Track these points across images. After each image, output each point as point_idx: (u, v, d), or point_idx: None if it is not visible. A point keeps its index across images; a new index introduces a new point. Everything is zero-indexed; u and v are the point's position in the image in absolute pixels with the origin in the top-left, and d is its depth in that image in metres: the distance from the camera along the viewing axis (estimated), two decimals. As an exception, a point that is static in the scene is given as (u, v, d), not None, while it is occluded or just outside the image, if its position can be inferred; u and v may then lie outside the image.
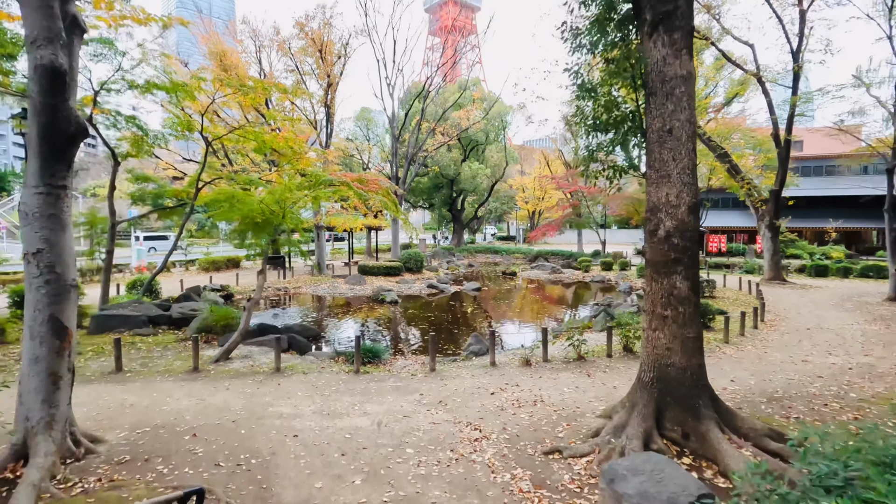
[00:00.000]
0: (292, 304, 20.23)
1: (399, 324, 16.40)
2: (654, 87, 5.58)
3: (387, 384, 8.49)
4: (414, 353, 12.52)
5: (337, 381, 8.67)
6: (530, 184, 54.38)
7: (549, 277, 29.29)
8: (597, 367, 9.44)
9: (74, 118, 5.24)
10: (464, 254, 43.54)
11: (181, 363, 9.84)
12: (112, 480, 4.97)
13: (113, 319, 12.68)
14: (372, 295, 21.63)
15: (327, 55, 24.44)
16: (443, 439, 6.10)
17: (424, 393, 7.97)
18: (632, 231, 57.94)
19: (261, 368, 9.50)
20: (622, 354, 10.29)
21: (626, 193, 42.35)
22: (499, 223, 79.76)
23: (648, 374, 5.71)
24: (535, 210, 55.78)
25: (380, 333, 14.90)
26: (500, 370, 9.35)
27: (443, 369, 9.55)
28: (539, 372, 9.15)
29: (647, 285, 5.84)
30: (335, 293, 22.64)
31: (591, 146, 6.80)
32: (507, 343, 13.67)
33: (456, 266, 35.46)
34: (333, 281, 25.02)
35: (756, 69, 22.19)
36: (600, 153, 6.79)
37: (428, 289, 23.64)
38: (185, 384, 8.45)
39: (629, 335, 10.39)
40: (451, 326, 15.65)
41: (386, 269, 27.32)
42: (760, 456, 4.99)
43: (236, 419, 6.77)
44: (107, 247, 14.19)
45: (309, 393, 7.96)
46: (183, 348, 11.41)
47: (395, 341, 14.00)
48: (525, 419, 6.76)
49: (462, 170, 41.93)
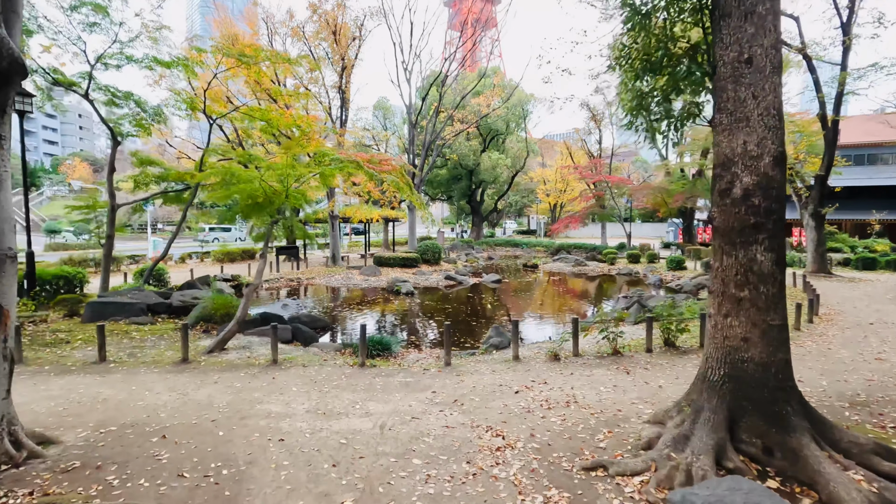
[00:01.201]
0: (304, 295, 19.37)
1: (414, 316, 15.37)
2: (729, 7, 4.36)
3: (395, 380, 7.44)
4: (428, 346, 11.46)
5: (339, 375, 7.65)
6: (552, 175, 52.80)
7: (573, 270, 27.95)
8: (635, 362, 8.23)
9: (7, 50, 4.27)
10: (483, 247, 42.36)
11: (172, 353, 8.96)
12: (46, 494, 4.02)
13: (109, 307, 11.92)
14: (387, 286, 20.67)
15: (341, 38, 23.44)
16: (457, 447, 5.02)
17: (437, 390, 6.90)
18: (657, 224, 55.92)
19: (257, 360, 8.54)
20: (663, 349, 9.05)
21: (653, 184, 40.55)
22: (519, 217, 78.21)
23: (717, 372, 4.52)
24: (557, 203, 54.16)
25: (392, 325, 13.88)
26: (524, 365, 8.21)
27: (459, 364, 8.46)
28: (569, 368, 7.99)
29: (716, 260, 4.64)
30: (349, 284, 21.75)
31: (640, 92, 5.58)
32: (530, 337, 12.50)
33: (475, 258, 34.30)
34: (348, 272, 24.14)
35: (801, 44, 20.44)
36: (651, 101, 5.58)
37: (445, 280, 22.58)
38: (170, 376, 7.54)
39: (671, 328, 9.15)
40: (470, 319, 14.55)
41: (402, 260, 26.32)
42: (875, 481, 3.78)
43: (217, 418, 5.80)
44: (107, 231, 13.44)
45: (305, 388, 6.95)
46: (178, 338, 10.56)
47: (409, 334, 12.96)
48: (557, 424, 5.63)
49: (481, 160, 40.65)
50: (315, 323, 12.98)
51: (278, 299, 18.12)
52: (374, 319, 14.65)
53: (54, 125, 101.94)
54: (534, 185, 56.77)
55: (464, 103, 32.90)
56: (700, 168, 36.06)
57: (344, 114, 26.29)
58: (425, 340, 12.11)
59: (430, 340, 12.08)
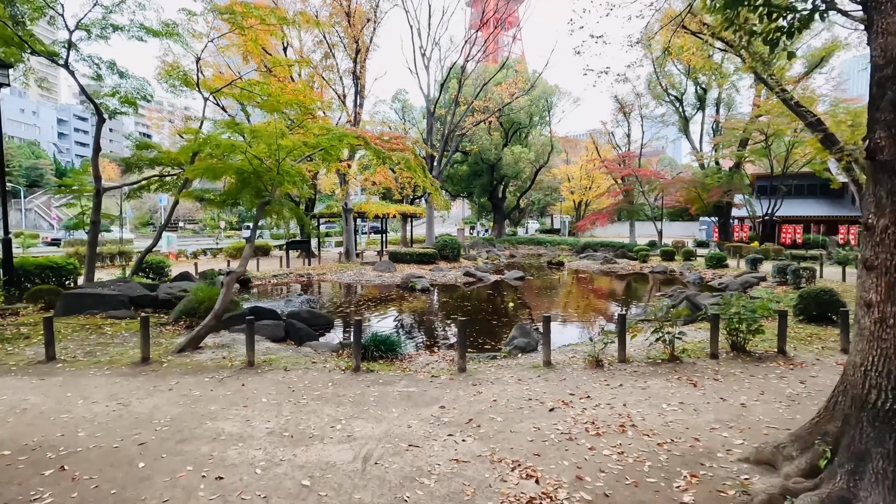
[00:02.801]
0: (312, 291, 17.99)
1: (428, 314, 13.80)
2: None
3: (394, 389, 5.86)
4: (442, 348, 9.88)
5: (325, 382, 6.11)
6: (576, 172, 50.68)
7: (601, 268, 26.02)
8: (700, 372, 6.48)
9: None
10: (505, 245, 40.60)
11: (137, 352, 7.56)
12: None
13: (86, 299, 10.66)
14: (401, 283, 19.16)
15: (355, 19, 22.07)
16: (470, 498, 3.42)
17: (447, 405, 5.30)
18: (687, 223, 53.13)
19: (233, 362, 7.07)
20: (731, 355, 7.28)
21: (687, 177, 38.20)
22: (541, 217, 75.95)
23: (889, 394, 2.81)
24: (582, 200, 52.00)
25: (403, 324, 12.34)
26: (558, 373, 6.55)
27: (476, 370, 6.84)
28: (617, 377, 6.30)
29: (879, 215, 2.94)
30: (362, 280, 20.32)
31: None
32: (560, 339, 10.81)
33: (496, 256, 32.59)
34: (361, 268, 22.73)
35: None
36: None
37: (464, 277, 20.96)
38: (120, 381, 6.12)
39: (740, 328, 7.37)
40: (490, 318, 12.91)
41: (419, 256, 24.81)
42: None
43: (148, 441, 4.31)
44: (91, 217, 12.25)
45: (278, 399, 5.43)
46: (156, 333, 9.22)
47: (421, 333, 11.39)
48: (612, 459, 3.98)
49: (503, 154, 38.89)
50: (315, 320, 11.52)
51: (286, 295, 16.78)
52: (384, 317, 13.13)
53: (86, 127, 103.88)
54: (557, 182, 54.66)
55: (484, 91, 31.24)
56: (738, 160, 33.68)
57: (359, 101, 24.94)
58: (439, 342, 10.52)
59: (444, 342, 10.48)
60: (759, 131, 30.86)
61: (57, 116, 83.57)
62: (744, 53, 14.29)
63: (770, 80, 14.84)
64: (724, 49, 15.11)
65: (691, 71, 32.95)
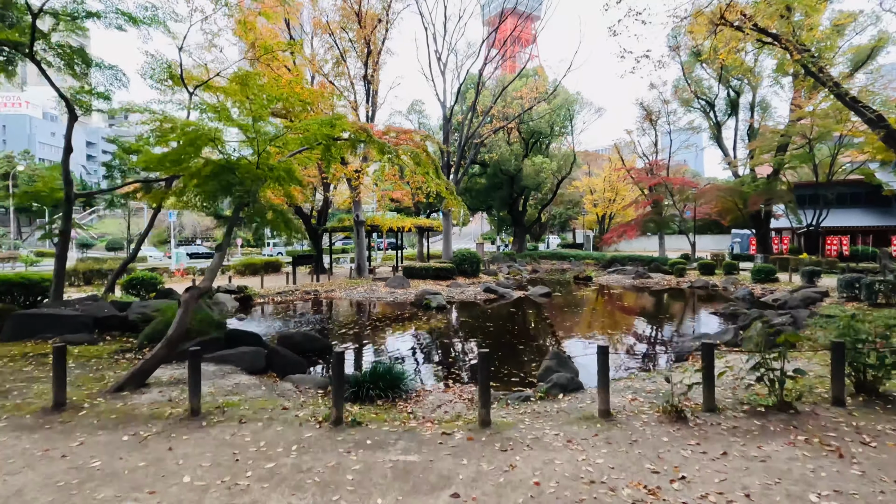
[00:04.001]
0: (317, 310, 16.28)
1: (443, 336, 11.90)
2: None
3: (386, 457, 3.99)
4: (457, 379, 7.98)
5: (290, 443, 4.27)
6: (599, 184, 48.55)
7: (633, 283, 23.82)
8: (833, 429, 4.46)
9: None
10: (526, 259, 38.58)
11: (71, 391, 5.84)
12: None
13: (39, 321, 9.08)
14: (415, 300, 17.35)
15: (366, 20, 20.72)
16: None
17: (463, 490, 3.41)
18: (718, 237, 50.20)
19: (177, 407, 5.28)
20: (861, 400, 5.23)
21: (723, 185, 35.83)
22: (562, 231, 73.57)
23: None
24: (606, 213, 49.72)
25: (412, 350, 10.47)
26: (623, 429, 4.59)
27: (504, 421, 4.92)
28: (712, 438, 4.31)
29: None
30: (372, 297, 18.58)
31: None
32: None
33: (517, 271, 30.61)
34: (373, 284, 21.00)
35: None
36: None
37: (484, 293, 19.05)
38: (5, 439, 4.38)
39: (869, 363, 5.31)
40: (517, 342, 10.97)
41: (436, 271, 23.00)
42: None
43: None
44: (61, 226, 10.77)
45: (207, 478, 3.60)
46: (112, 362, 7.56)
47: (433, 361, 9.50)
48: None
49: (524, 165, 37.02)
50: (311, 344, 9.75)
51: (287, 314, 15.09)
52: (391, 340, 11.30)
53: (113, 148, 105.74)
54: (579, 195, 52.52)
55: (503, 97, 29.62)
56: (777, 167, 31.28)
57: (371, 107, 23.49)
58: (455, 371, 8.62)
59: (462, 372, 8.57)
60: (802, 135, 28.48)
61: (86, 139, 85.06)
62: (790, 45, 12.37)
63: (822, 74, 12.80)
64: (768, 42, 13.17)
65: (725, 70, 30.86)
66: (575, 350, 10.05)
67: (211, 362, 7.29)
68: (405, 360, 9.26)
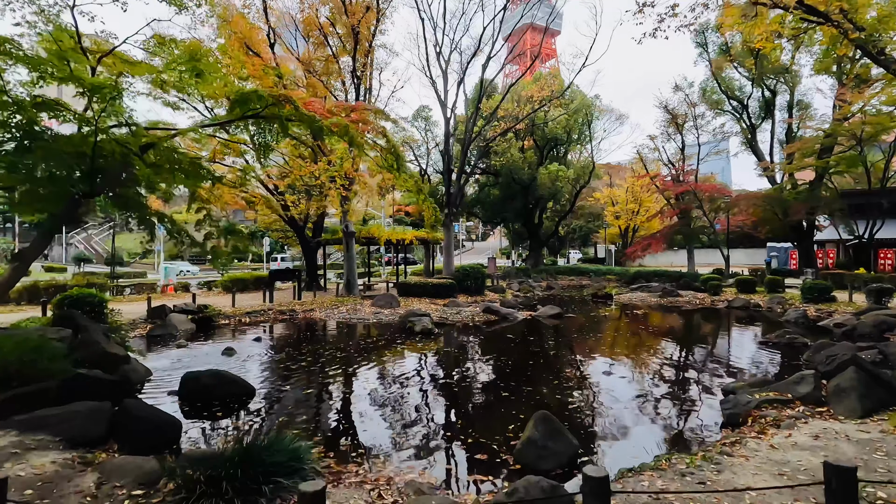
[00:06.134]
0: (275, 335, 13.83)
1: (409, 376, 9.26)
2: None
3: None
4: (402, 452, 5.36)
5: None
6: (622, 195, 45.44)
7: (661, 302, 20.79)
8: None
9: None
10: (542, 275, 35.66)
11: None
12: None
13: None
14: (399, 322, 14.81)
15: (353, 8, 18.58)
16: None
17: None
18: (751, 250, 46.26)
19: None
20: None
21: (760, 193, 32.45)
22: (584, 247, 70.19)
23: None
24: (629, 225, 46.47)
25: (359, 397, 7.86)
26: None
27: None
28: None
29: None
30: (353, 319, 16.10)
31: None
32: (630, 435, 6.09)
33: (530, 287, 27.81)
34: (359, 303, 18.53)
35: None
36: None
37: (483, 314, 16.36)
38: None
39: None
40: (502, 384, 8.29)
41: (434, 288, 20.41)
42: None
43: None
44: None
45: None
46: None
47: (375, 418, 6.85)
48: None
49: (538, 174, 34.30)
50: (222, 389, 7.29)
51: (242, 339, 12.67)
52: (336, 384, 8.73)
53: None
54: (600, 207, 49.38)
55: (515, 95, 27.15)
56: (821, 171, 27.91)
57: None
58: (402, 439, 5.99)
59: (410, 438, 5.93)
60: (850, 134, 25.08)
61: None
62: (844, 24, 9.64)
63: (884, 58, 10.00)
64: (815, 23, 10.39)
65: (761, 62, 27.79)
66: (583, 398, 7.31)
67: (13, 428, 4.82)
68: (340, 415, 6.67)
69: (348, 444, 5.66)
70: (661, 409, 6.87)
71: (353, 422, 6.61)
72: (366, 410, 6.96)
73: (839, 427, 5.22)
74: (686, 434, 5.92)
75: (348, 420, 6.69)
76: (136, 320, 14.30)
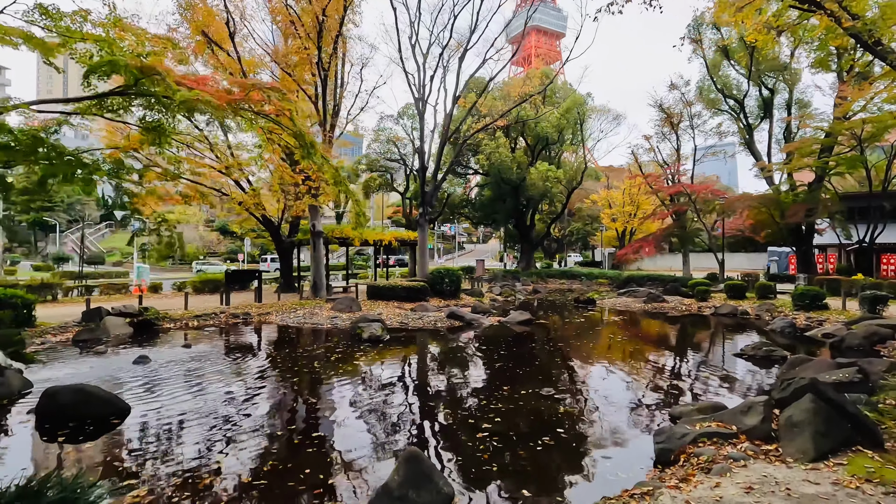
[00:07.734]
0: (213, 340, 12.80)
1: (324, 393, 8.19)
2: None
3: None
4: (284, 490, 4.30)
5: None
6: (618, 197, 44.17)
7: (645, 308, 19.64)
8: None
9: None
10: (531, 278, 34.53)
11: None
12: None
13: None
14: (350, 327, 13.78)
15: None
16: None
17: None
18: (752, 255, 44.88)
19: None
20: None
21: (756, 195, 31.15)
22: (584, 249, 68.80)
23: None
24: (626, 228, 45.20)
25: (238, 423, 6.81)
26: None
27: None
28: None
29: None
30: (306, 323, 15.07)
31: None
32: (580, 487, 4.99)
33: (512, 291, 26.67)
34: (318, 306, 17.51)
35: None
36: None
37: (447, 320, 15.29)
38: None
39: None
40: (423, 404, 7.21)
41: (405, 291, 19.36)
42: None
43: None
44: None
45: None
46: None
47: (242, 459, 5.78)
48: None
49: (528, 173, 33.17)
50: (86, 409, 6.27)
51: (173, 345, 11.65)
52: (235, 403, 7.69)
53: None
54: (598, 210, 48.12)
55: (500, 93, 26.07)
56: (820, 172, 26.57)
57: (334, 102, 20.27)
58: (261, 489, 4.93)
59: (274, 489, 4.87)
60: (851, 133, 23.78)
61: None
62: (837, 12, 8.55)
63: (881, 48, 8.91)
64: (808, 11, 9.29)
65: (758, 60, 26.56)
66: (501, 426, 6.19)
67: None
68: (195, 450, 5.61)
69: (168, 493, 4.59)
70: (589, 440, 5.76)
71: (199, 462, 5.54)
72: (228, 448, 5.90)
73: (783, 475, 4.11)
74: (604, 475, 4.80)
75: (201, 458, 5.62)
76: (68, 323, 13.37)
